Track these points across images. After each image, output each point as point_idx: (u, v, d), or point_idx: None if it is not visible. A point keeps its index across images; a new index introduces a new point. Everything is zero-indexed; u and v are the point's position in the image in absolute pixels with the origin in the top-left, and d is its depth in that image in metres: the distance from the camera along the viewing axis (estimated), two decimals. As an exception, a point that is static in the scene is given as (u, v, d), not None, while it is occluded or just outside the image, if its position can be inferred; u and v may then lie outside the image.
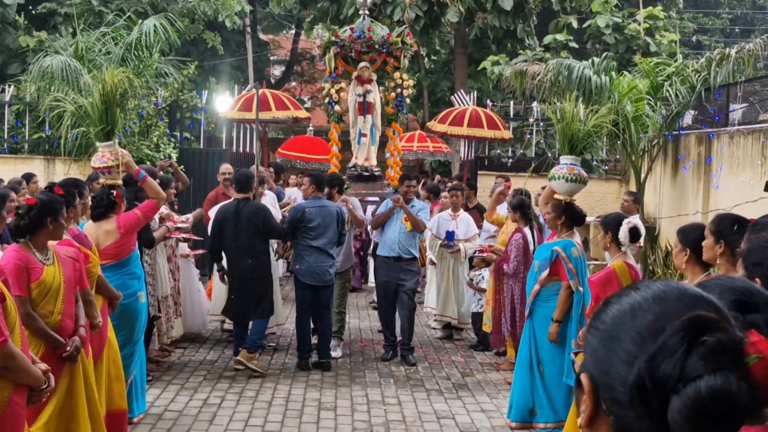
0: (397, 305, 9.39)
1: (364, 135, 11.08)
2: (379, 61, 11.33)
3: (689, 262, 4.75)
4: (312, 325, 9.15)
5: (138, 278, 6.81)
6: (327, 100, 11.31)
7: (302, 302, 8.93)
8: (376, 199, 10.63)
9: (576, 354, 1.50)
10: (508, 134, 14.25)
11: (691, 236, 4.68)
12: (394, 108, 11.32)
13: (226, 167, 11.24)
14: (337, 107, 11.18)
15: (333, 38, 11.04)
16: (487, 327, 9.46)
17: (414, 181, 10.04)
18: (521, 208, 8.74)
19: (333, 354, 9.21)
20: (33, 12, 21.14)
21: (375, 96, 11.13)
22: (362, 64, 11.06)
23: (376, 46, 11.07)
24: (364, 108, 11.07)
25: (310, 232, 8.84)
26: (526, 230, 8.66)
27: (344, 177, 10.71)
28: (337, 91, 11.12)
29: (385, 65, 11.41)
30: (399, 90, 11.20)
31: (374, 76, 11.33)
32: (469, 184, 12.70)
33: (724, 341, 1.31)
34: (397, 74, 11.18)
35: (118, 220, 6.63)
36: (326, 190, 9.29)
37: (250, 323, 8.77)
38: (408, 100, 11.74)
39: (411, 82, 11.55)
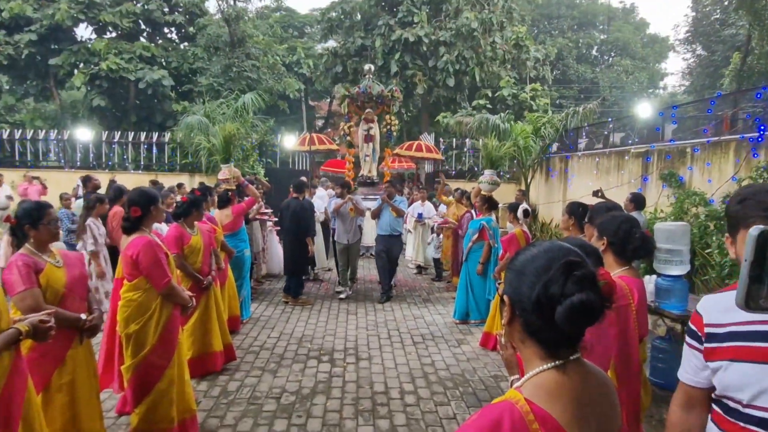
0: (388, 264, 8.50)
1: (368, 156, 10.92)
2: (379, 109, 11.02)
3: (573, 226, 4.85)
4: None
5: (244, 241, 6.71)
6: (343, 133, 11.21)
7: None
8: (377, 197, 9.92)
9: (499, 284, 1.50)
10: (439, 156, 14.27)
11: (574, 210, 4.73)
12: (386, 138, 11.11)
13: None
14: (349, 138, 10.96)
15: (346, 93, 11.06)
16: (446, 267, 9.36)
17: (392, 185, 9.00)
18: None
19: (345, 294, 8.19)
20: (179, 89, 20.94)
21: (376, 130, 10.82)
22: (367, 109, 10.85)
23: (374, 98, 10.82)
24: (369, 138, 10.83)
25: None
26: (473, 211, 8.52)
27: (353, 182, 9.73)
28: (350, 128, 10.93)
29: (384, 112, 11.17)
30: (389, 127, 11.00)
31: (375, 118, 11.01)
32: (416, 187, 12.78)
33: (586, 273, 1.33)
34: (388, 117, 10.93)
35: (232, 209, 6.56)
36: (339, 190, 8.48)
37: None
38: (395, 134, 11.46)
39: (396, 122, 11.45)
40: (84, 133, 15.63)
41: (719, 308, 1.75)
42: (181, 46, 21.48)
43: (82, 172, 13.74)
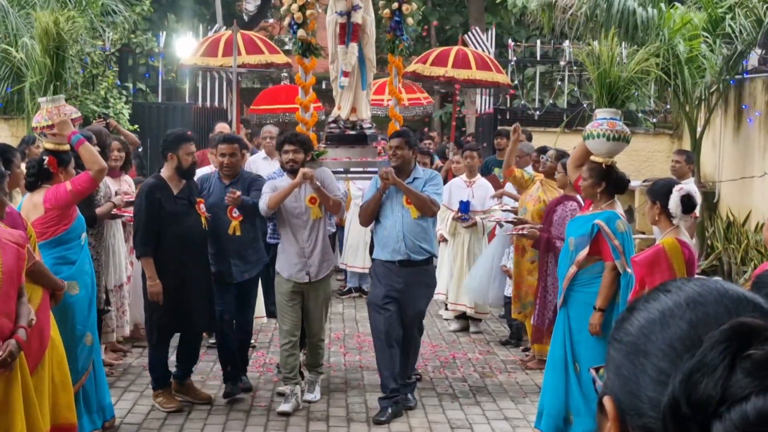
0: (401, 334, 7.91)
1: (347, 73, 9.34)
2: None
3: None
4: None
5: (71, 263, 6.74)
6: (288, 21, 9.45)
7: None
8: (370, 171, 9.23)
9: (597, 369, 1.53)
10: (503, 78, 14.28)
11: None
12: (390, 31, 9.56)
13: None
14: (301, 32, 9.21)
15: None
16: (521, 316, 9.42)
17: (402, 140, 8.03)
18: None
19: (291, 405, 7.84)
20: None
21: (365, 13, 9.36)
22: None
23: None
24: (348, 32, 9.31)
25: None
26: (577, 198, 8.27)
27: (315, 138, 9.21)
28: (303, 7, 9.16)
29: None
30: (397, 4, 9.35)
31: None
32: (458, 142, 12.75)
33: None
34: None
35: (47, 193, 6.61)
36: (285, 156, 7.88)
37: None
38: (410, 20, 9.79)
39: None
40: None
41: None
42: None
43: None
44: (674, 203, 6.19)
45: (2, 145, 6.84)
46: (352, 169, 9.67)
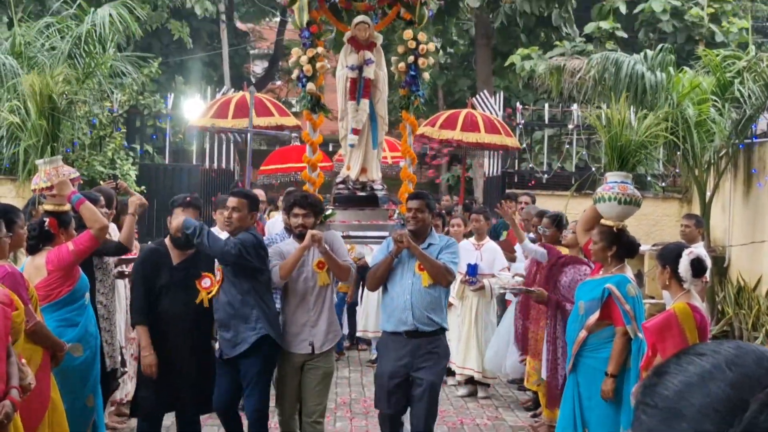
0: (409, 409, 7.45)
1: (357, 131, 9.03)
2: (389, 16, 9.36)
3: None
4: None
5: (74, 325, 6.71)
6: (296, 74, 9.10)
7: None
8: (381, 235, 8.67)
9: None
10: (512, 142, 14.36)
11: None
12: (405, 87, 9.19)
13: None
14: (310, 86, 8.92)
15: None
16: (538, 388, 9.25)
17: (423, 202, 7.55)
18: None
19: None
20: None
21: (378, 68, 9.09)
22: (359, 18, 9.02)
23: None
24: (359, 88, 9.00)
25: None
26: (588, 263, 8.18)
27: (321, 199, 8.51)
28: (312, 59, 8.91)
29: (404, 23, 9.26)
30: (413, 58, 9.00)
31: (379, 39, 9.25)
32: (465, 206, 12.80)
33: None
34: (408, 32, 9.02)
35: (49, 254, 6.61)
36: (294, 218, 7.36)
37: None
38: (427, 75, 9.34)
39: (432, 46, 9.39)
40: None
41: None
42: None
43: None
44: (684, 267, 6.15)
45: (5, 206, 6.82)
46: (361, 233, 9.24)
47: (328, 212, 8.73)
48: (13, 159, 13.22)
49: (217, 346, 7.39)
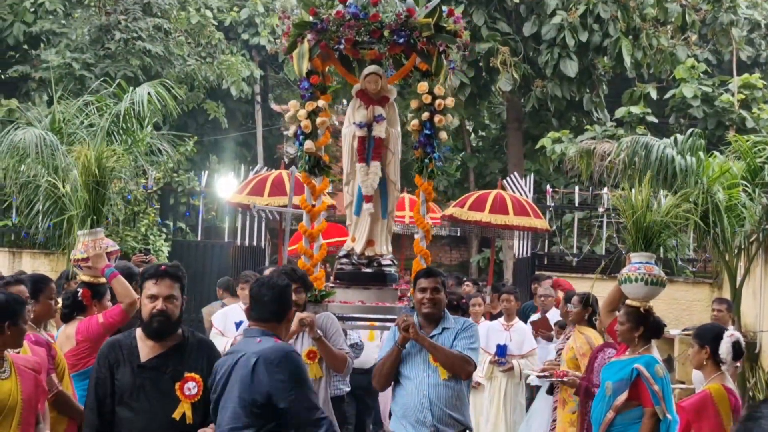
0: None
1: (369, 198, 7.94)
2: (407, 65, 8.16)
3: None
4: None
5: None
6: (293, 130, 8.04)
7: None
8: (388, 318, 7.77)
9: None
10: (542, 224, 14.41)
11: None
12: (419, 147, 8.03)
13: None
14: (308, 144, 7.82)
15: (309, 18, 7.66)
16: None
17: (438, 279, 6.45)
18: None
19: None
20: (2, 77, 21.64)
21: (390, 126, 8.03)
22: (370, 68, 7.99)
23: (386, 33, 7.57)
24: (368, 148, 7.95)
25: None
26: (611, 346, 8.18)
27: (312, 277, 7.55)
28: (312, 115, 7.80)
29: (420, 74, 8.04)
30: (428, 114, 7.82)
31: (393, 92, 8.19)
32: (494, 287, 12.88)
33: None
34: (423, 84, 7.84)
35: (79, 325, 6.72)
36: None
37: None
38: (444, 135, 8.13)
39: (451, 101, 8.06)
40: None
41: None
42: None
43: None
44: (726, 349, 6.17)
45: (37, 275, 6.99)
46: (364, 315, 8.13)
47: (326, 291, 7.73)
48: (48, 234, 13.43)
49: None
